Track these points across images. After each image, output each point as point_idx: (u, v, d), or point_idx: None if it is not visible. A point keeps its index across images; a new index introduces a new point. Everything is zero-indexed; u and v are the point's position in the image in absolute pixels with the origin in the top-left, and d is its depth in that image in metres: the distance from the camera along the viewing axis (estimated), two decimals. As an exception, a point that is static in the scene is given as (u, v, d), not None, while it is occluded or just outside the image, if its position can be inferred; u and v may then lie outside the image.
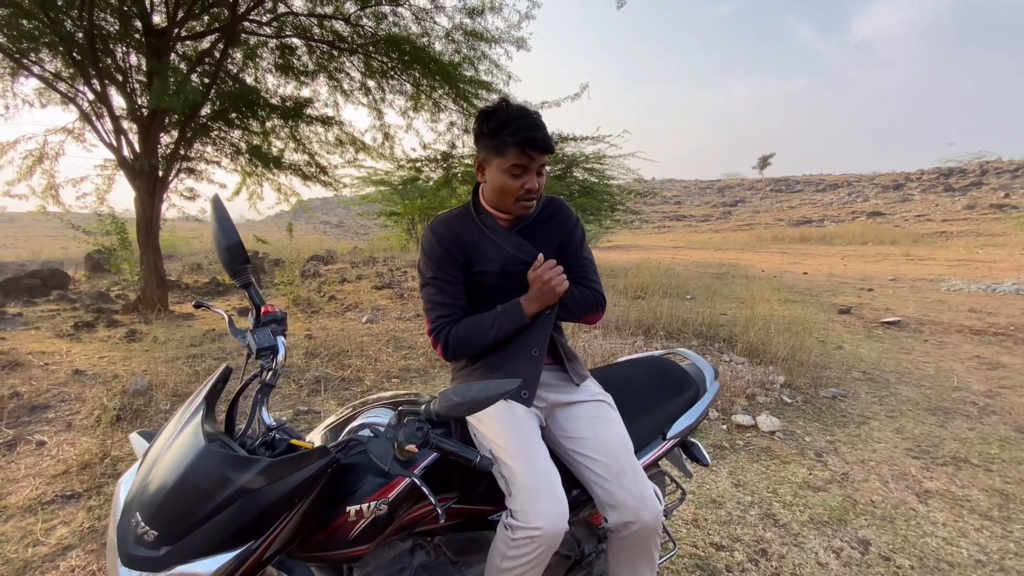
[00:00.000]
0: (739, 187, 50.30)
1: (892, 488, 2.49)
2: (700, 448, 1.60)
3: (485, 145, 1.24)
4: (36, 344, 4.57)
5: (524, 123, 1.18)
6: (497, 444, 1.18)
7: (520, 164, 1.20)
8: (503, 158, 1.20)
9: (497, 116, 1.20)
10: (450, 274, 1.28)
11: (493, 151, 1.22)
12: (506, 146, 1.19)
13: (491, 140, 1.21)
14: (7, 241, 20.45)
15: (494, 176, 1.24)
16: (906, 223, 27.07)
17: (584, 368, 1.43)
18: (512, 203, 1.25)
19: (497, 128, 1.19)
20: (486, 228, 1.29)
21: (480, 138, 1.25)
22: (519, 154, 1.18)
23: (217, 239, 1.01)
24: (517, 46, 6.69)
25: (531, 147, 1.18)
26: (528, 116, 1.19)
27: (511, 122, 1.18)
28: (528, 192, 1.23)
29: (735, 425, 3.14)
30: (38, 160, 6.53)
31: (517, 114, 1.19)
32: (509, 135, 1.17)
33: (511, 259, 1.28)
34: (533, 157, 1.19)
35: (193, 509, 0.82)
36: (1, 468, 2.47)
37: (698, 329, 5.09)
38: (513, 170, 1.20)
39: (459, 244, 1.27)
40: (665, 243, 24.98)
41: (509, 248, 1.28)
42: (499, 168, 1.22)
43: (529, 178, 1.22)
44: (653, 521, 1.19)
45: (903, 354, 4.85)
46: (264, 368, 1.02)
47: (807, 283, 9.56)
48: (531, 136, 1.17)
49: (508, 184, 1.22)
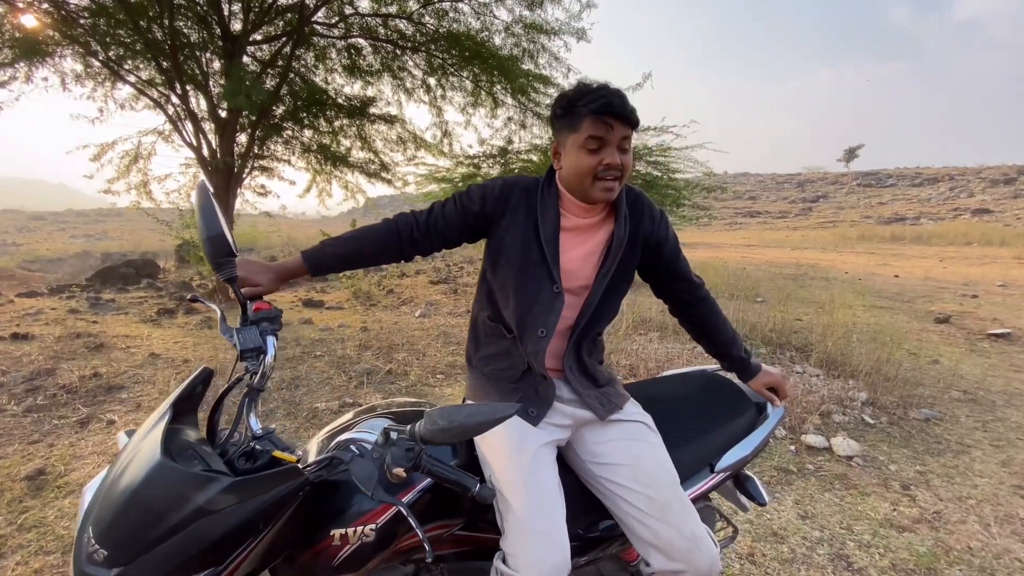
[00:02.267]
0: (821, 181, 46.69)
1: (995, 533, 2.11)
2: (756, 484, 1.39)
3: (559, 127, 1.13)
4: (123, 328, 4.97)
5: (600, 92, 1.05)
6: (496, 469, 1.05)
7: (596, 136, 1.05)
8: (577, 133, 1.07)
9: (571, 94, 1.09)
10: (469, 211, 1.17)
11: (569, 129, 1.09)
12: (580, 118, 1.06)
13: (565, 119, 1.10)
14: (114, 233, 22.80)
15: (569, 157, 1.11)
16: (1018, 222, 23.96)
17: (621, 391, 1.26)
18: (591, 184, 1.09)
19: (571, 103, 1.08)
20: (543, 202, 1.16)
21: (554, 121, 1.14)
22: (595, 122, 1.05)
23: (200, 229, 0.95)
24: (577, 37, 6.51)
25: (608, 113, 1.04)
26: (604, 87, 1.07)
27: (585, 95, 1.06)
28: (608, 167, 1.07)
29: (805, 446, 2.81)
30: (134, 159, 7.14)
31: (592, 88, 1.07)
32: (583, 106, 1.05)
33: (533, 247, 1.14)
34: (612, 126, 1.05)
35: (145, 529, 0.75)
36: (72, 444, 2.66)
37: (767, 336, 4.69)
38: (589, 143, 1.06)
39: (503, 198, 1.17)
40: (736, 241, 23.63)
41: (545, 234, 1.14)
42: (574, 145, 1.09)
43: (608, 152, 1.06)
44: (709, 567, 1.02)
45: (1013, 372, 4.22)
46: (249, 371, 0.94)
47: (898, 287, 8.64)
48: (607, 102, 1.03)
49: (584, 162, 1.07)
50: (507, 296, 1.16)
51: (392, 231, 1.17)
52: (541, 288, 1.14)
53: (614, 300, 1.22)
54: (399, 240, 1.18)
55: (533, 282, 1.14)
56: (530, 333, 1.15)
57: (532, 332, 1.15)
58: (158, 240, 17.18)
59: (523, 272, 1.14)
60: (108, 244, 16.15)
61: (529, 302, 1.15)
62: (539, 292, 1.14)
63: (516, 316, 1.16)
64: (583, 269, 1.17)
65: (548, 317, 1.15)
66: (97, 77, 6.42)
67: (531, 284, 1.14)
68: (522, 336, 1.16)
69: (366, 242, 1.17)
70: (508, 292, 1.16)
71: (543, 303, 1.14)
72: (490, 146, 8.15)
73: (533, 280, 1.14)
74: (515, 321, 1.16)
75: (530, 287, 1.14)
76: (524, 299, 1.15)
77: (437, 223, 1.18)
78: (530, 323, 1.15)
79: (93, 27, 5.44)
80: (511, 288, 1.15)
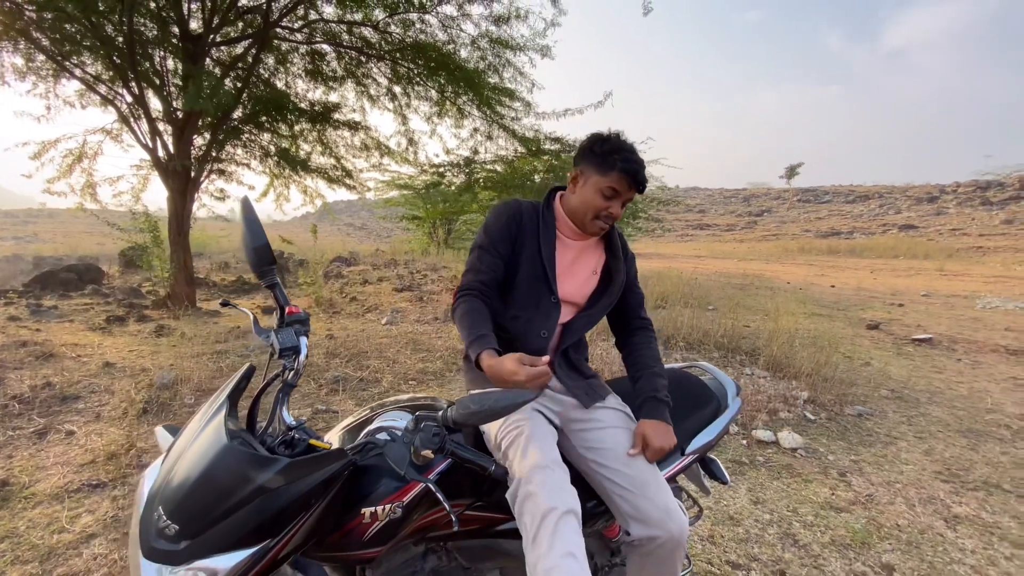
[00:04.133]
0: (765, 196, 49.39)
1: (919, 512, 2.40)
2: (719, 465, 1.57)
3: (590, 162, 1.33)
4: (69, 336, 4.73)
5: (635, 157, 1.30)
6: (508, 438, 1.19)
7: (616, 189, 1.30)
8: (604, 178, 1.30)
9: (612, 142, 1.32)
10: (498, 249, 1.34)
11: (596, 169, 1.31)
12: (612, 169, 1.29)
13: (599, 159, 1.31)
14: (46, 236, 21.29)
15: (586, 191, 1.33)
16: (940, 237, 26.20)
17: (604, 385, 1.45)
18: (591, 220, 1.33)
19: (609, 151, 1.30)
20: (544, 224, 1.36)
21: (587, 155, 1.34)
22: (620, 179, 1.29)
23: (245, 240, 1.04)
24: (541, 54, 6.71)
25: (632, 178, 1.29)
26: (637, 153, 1.32)
27: (624, 151, 1.29)
28: (609, 215, 1.32)
29: (755, 441, 3.07)
30: (78, 159, 6.79)
31: (629, 147, 1.31)
32: (620, 161, 1.28)
33: (537, 265, 1.34)
34: (629, 188, 1.31)
35: (214, 505, 0.84)
36: (31, 456, 2.56)
37: (719, 341, 5.01)
38: (607, 191, 1.30)
39: (519, 225, 1.36)
40: (688, 252, 24.66)
41: (545, 252, 1.34)
42: (595, 186, 1.31)
43: (615, 204, 1.32)
44: (679, 534, 1.16)
45: (934, 373, 4.69)
46: (286, 368, 1.04)
47: (834, 296, 9.32)
48: (637, 170, 1.29)
49: (597, 202, 1.31)
50: (510, 303, 1.35)
51: (484, 303, 1.29)
52: (541, 298, 1.34)
53: (601, 311, 1.44)
54: (491, 307, 1.31)
55: (534, 292, 1.34)
56: (532, 335, 1.34)
57: (534, 334, 1.34)
58: (96, 244, 16.23)
59: (527, 284, 1.34)
60: (41, 247, 15.09)
61: (531, 310, 1.34)
62: (539, 301, 1.34)
63: (519, 321, 1.34)
64: (581, 289, 1.39)
65: (547, 322, 1.35)
66: (40, 72, 6.10)
67: (532, 294, 1.34)
68: (524, 337, 1.33)
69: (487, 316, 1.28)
70: (511, 300, 1.35)
71: (542, 311, 1.34)
72: (456, 155, 8.23)
73: (535, 291, 1.34)
74: (517, 325, 1.34)
75: (531, 296, 1.34)
76: (527, 307, 1.34)
77: (494, 277, 1.34)
78: (532, 328, 1.34)
79: (39, 19, 5.19)
80: (514, 297, 1.35)
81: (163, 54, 6.10)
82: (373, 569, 1.13)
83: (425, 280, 9.30)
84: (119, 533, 2.02)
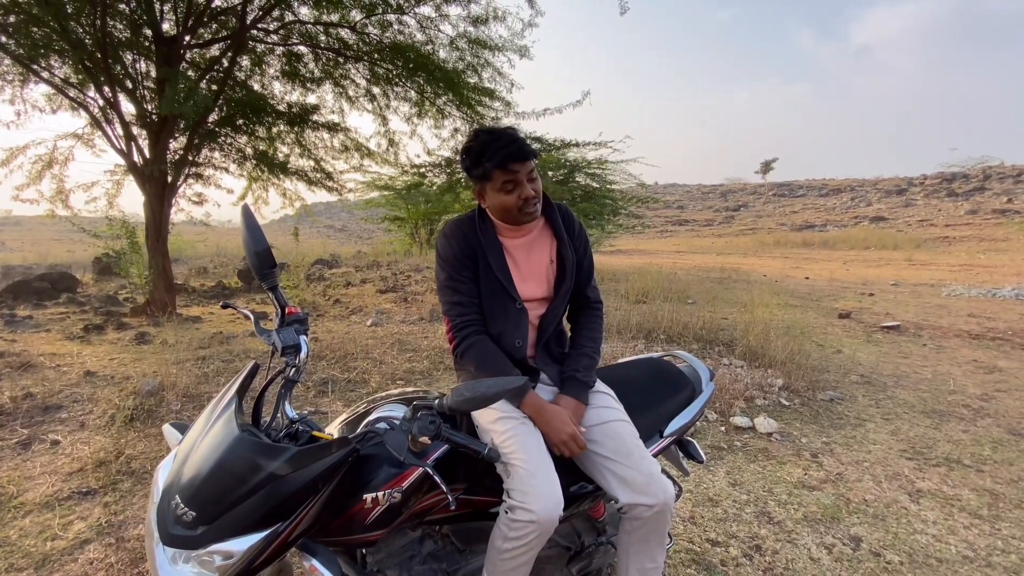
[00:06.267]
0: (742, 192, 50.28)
1: (885, 488, 2.55)
2: (696, 446, 1.67)
3: (474, 177, 1.35)
4: (47, 346, 4.66)
5: (498, 144, 1.27)
6: (497, 432, 1.25)
7: (508, 180, 1.29)
8: (492, 181, 1.31)
9: (473, 149, 1.31)
10: (463, 274, 1.36)
11: (481, 180, 1.33)
12: (489, 171, 1.29)
13: (477, 172, 1.32)
14: (14, 244, 20.63)
15: (493, 199, 1.34)
16: (909, 228, 27.06)
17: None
18: (517, 215, 1.33)
19: (477, 159, 1.30)
20: (485, 236, 1.38)
21: (468, 173, 1.36)
22: (503, 172, 1.28)
23: (247, 245, 1.10)
24: (520, 54, 6.79)
25: (511, 162, 1.27)
26: (499, 136, 1.29)
27: (485, 149, 1.28)
28: (526, 201, 1.31)
29: (733, 427, 3.20)
30: (48, 165, 6.64)
31: (488, 139, 1.29)
32: (487, 161, 1.28)
33: (493, 278, 1.36)
34: (517, 170, 1.29)
35: (228, 492, 0.90)
36: (17, 466, 2.55)
37: (699, 333, 5.16)
38: (505, 187, 1.30)
39: (468, 244, 1.36)
40: (667, 248, 25.04)
41: (495, 264, 1.36)
42: (493, 191, 1.32)
43: (522, 188, 1.30)
44: (666, 498, 1.25)
45: (901, 358, 4.91)
46: (288, 365, 1.10)
47: (808, 288, 9.61)
48: (507, 153, 1.26)
49: (507, 201, 1.31)
50: (485, 314, 1.39)
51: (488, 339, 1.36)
52: (507, 308, 1.38)
53: (565, 298, 1.46)
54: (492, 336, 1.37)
55: (500, 303, 1.37)
56: (509, 347, 1.38)
57: (510, 343, 1.38)
58: (66, 251, 15.80)
59: (492, 298, 1.37)
60: (9, 256, 14.64)
61: (501, 322, 1.38)
62: (506, 311, 1.38)
63: (493, 331, 1.38)
64: (544, 282, 1.42)
65: (518, 331, 1.38)
66: (6, 76, 5.96)
67: (499, 305, 1.37)
68: (501, 345, 1.38)
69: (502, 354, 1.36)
70: (485, 312, 1.39)
71: (511, 320, 1.38)
72: (436, 156, 8.26)
73: (500, 302, 1.37)
74: (495, 334, 1.38)
75: (498, 308, 1.37)
76: (496, 320, 1.38)
77: (476, 301, 1.37)
78: (506, 339, 1.38)
79: (4, 22, 5.07)
80: (485, 310, 1.38)
81: (136, 57, 6.00)
82: (373, 553, 1.19)
83: (409, 281, 9.31)
84: (114, 538, 2.04)
